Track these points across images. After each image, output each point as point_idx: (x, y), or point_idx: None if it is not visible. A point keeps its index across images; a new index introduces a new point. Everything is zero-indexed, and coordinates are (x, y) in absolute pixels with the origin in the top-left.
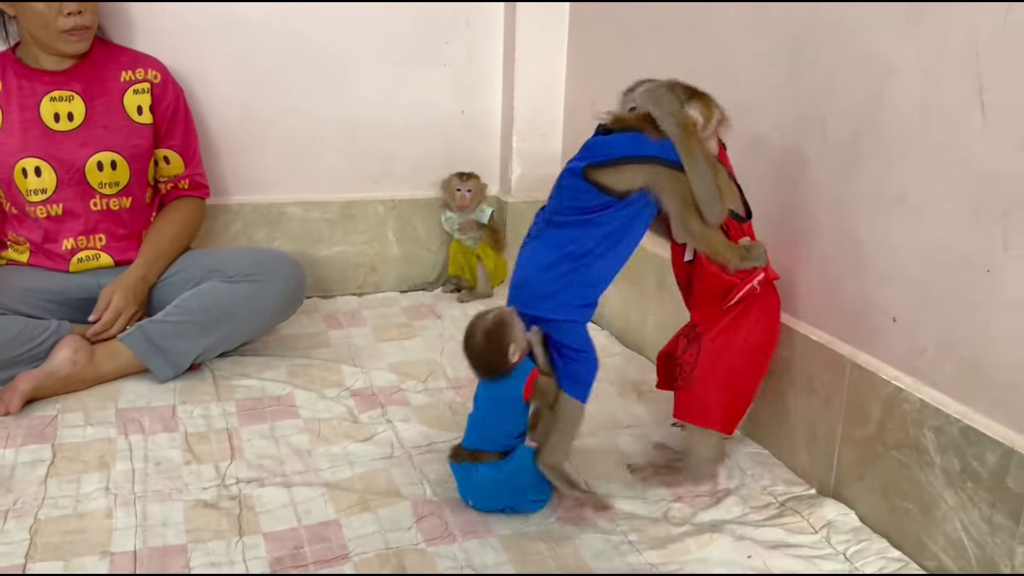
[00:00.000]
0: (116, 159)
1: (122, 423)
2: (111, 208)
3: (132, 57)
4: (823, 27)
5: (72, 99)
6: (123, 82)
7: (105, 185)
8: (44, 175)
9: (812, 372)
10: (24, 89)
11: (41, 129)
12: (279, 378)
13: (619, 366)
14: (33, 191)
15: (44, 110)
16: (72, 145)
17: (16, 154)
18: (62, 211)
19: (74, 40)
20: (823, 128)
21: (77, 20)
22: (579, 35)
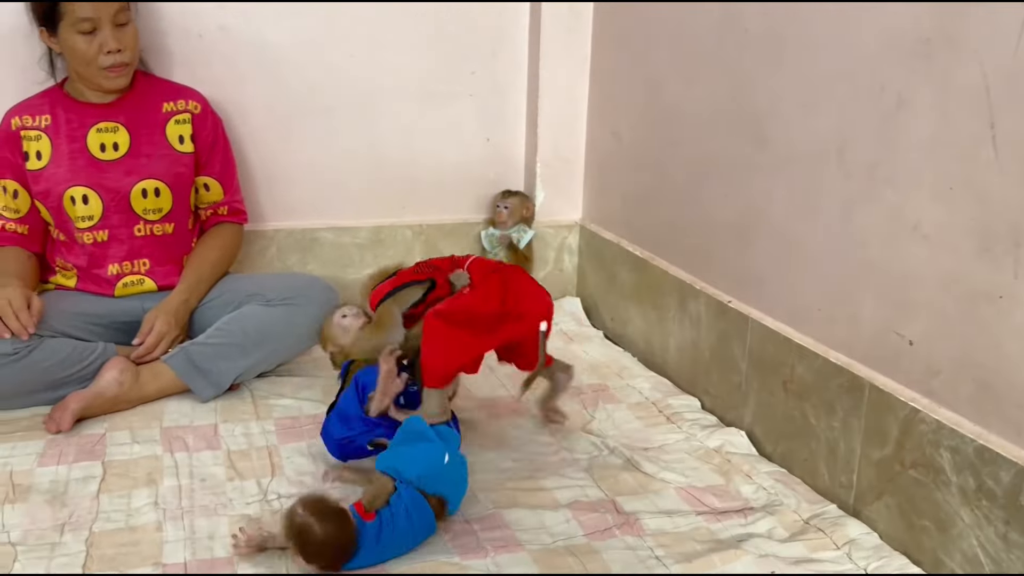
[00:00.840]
0: (160, 186)
1: (167, 441)
2: (154, 234)
3: (173, 89)
4: (838, 60)
5: (117, 130)
6: (165, 113)
7: (149, 212)
8: (91, 202)
9: (833, 394)
10: (72, 122)
11: (88, 159)
12: (315, 397)
13: (643, 389)
14: (81, 218)
15: (91, 141)
16: (117, 173)
17: (65, 183)
18: (107, 237)
19: (114, 76)
20: (840, 157)
21: (116, 58)
22: (600, 66)
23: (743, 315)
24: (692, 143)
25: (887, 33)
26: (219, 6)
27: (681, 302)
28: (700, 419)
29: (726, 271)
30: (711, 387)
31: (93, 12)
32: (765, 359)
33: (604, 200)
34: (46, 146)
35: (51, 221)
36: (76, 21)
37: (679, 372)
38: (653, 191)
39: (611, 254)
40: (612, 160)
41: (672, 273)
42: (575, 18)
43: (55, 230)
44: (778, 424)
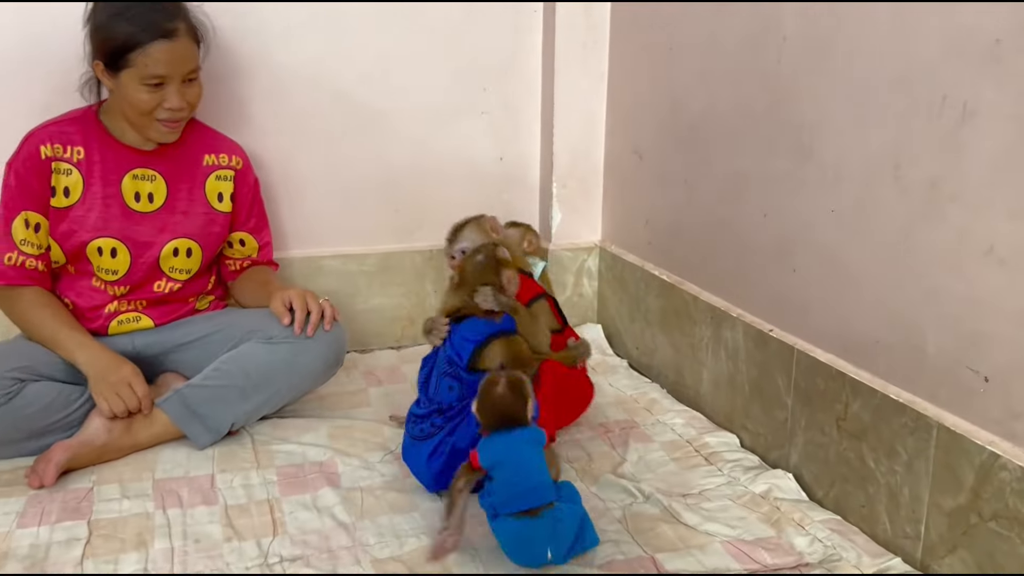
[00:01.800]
0: (192, 247)
1: (160, 495)
2: (173, 291)
3: (215, 140)
4: (892, 66)
5: (155, 179)
6: (206, 166)
7: (176, 270)
8: (119, 257)
9: (894, 434)
10: (108, 162)
11: (121, 208)
12: (320, 442)
13: (676, 425)
14: (105, 270)
15: (126, 187)
16: (150, 229)
17: (94, 231)
18: (127, 291)
19: (166, 131)
20: (897, 172)
21: (176, 114)
22: (619, 81)
23: (787, 345)
24: (723, 159)
25: (949, 35)
26: (218, 24)
27: (715, 330)
28: (742, 459)
29: (766, 297)
30: (751, 423)
31: (167, 70)
32: (813, 394)
33: (626, 221)
34: (77, 184)
35: (61, 259)
36: (147, 75)
37: (714, 406)
38: (680, 211)
39: (635, 278)
40: (633, 179)
41: (704, 299)
42: (591, 31)
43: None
44: (831, 466)
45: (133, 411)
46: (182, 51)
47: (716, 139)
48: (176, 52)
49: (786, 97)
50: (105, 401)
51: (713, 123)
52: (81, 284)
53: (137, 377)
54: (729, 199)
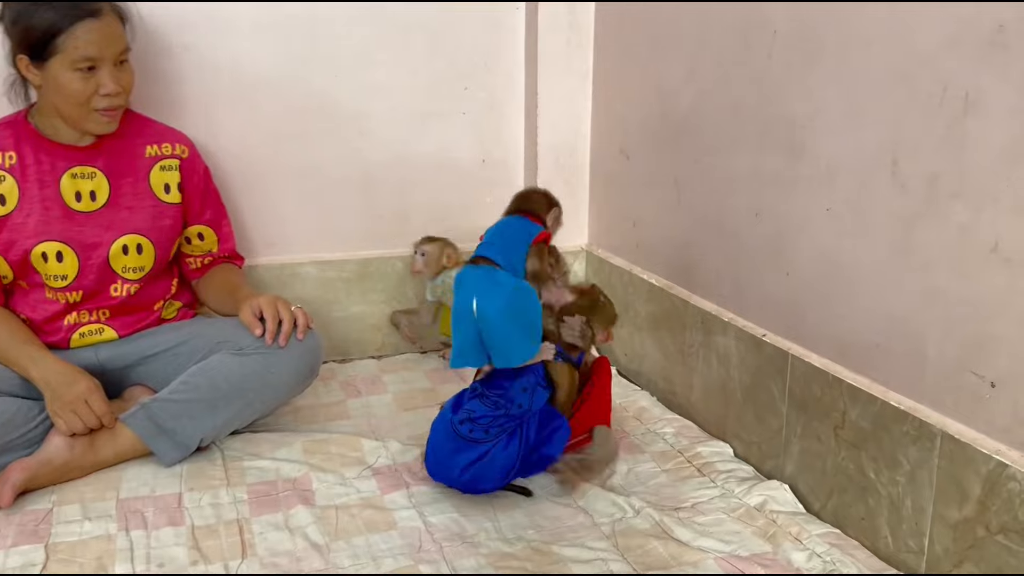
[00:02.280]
0: (142, 242)
1: (123, 516)
2: (130, 293)
3: (157, 131)
4: (889, 58)
5: (95, 176)
6: (148, 158)
7: (129, 270)
8: (66, 260)
9: (896, 443)
10: (43, 164)
11: (62, 209)
12: (294, 457)
13: (666, 434)
14: (53, 277)
15: (65, 188)
16: (95, 228)
17: (36, 237)
18: (81, 298)
19: (105, 120)
20: (895, 168)
21: (113, 100)
22: (604, 79)
23: (781, 351)
24: (713, 158)
25: (948, 22)
26: (185, 23)
27: (707, 336)
28: (736, 470)
29: (759, 301)
30: (744, 432)
31: (98, 51)
32: (809, 401)
33: (613, 223)
34: (12, 190)
35: (9, 273)
36: (77, 59)
37: (706, 415)
38: (669, 213)
39: (622, 282)
40: (620, 180)
41: (694, 303)
42: (575, 29)
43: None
44: (828, 477)
45: (93, 428)
46: (110, 30)
47: (706, 137)
48: (104, 31)
49: (777, 92)
50: (61, 420)
51: (702, 121)
52: (34, 297)
53: (95, 393)
54: (720, 199)
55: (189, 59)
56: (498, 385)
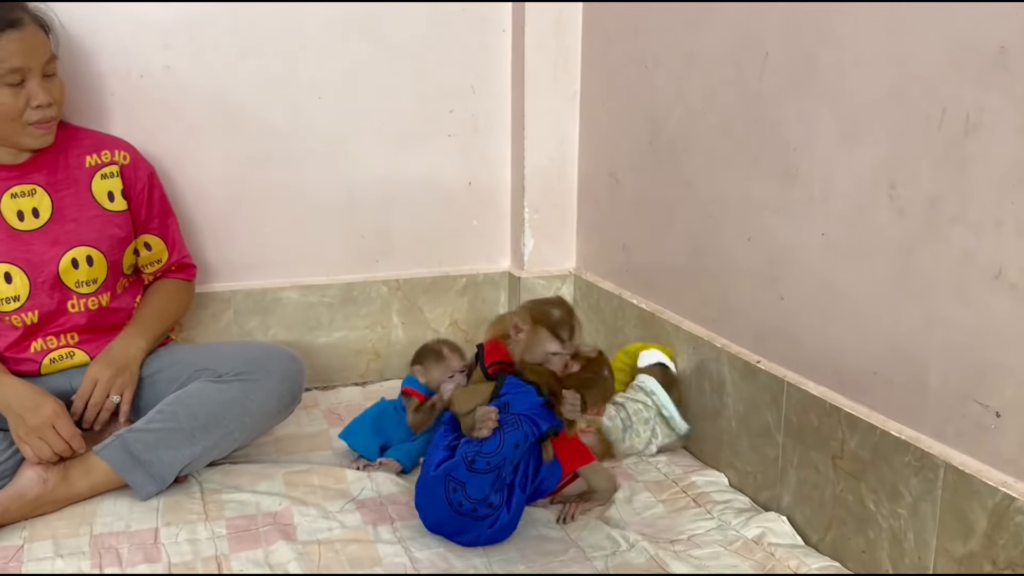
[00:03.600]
0: (92, 254)
1: (97, 552)
2: (89, 308)
3: (95, 139)
4: (885, 79)
5: (35, 193)
6: (89, 167)
7: (82, 284)
8: (15, 281)
9: (897, 474)
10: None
11: (6, 231)
12: (275, 490)
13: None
14: (4, 299)
15: (6, 209)
16: (42, 245)
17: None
18: (38, 318)
19: (40, 133)
20: (892, 192)
21: (45, 112)
22: (592, 101)
23: (776, 378)
24: (704, 181)
25: (947, 43)
26: (164, 44)
27: (699, 362)
28: (731, 501)
29: (753, 326)
30: (739, 461)
31: (23, 60)
32: (806, 430)
33: (601, 247)
34: None
35: None
36: (4, 72)
37: (699, 443)
38: (659, 237)
39: (611, 307)
40: (609, 203)
41: (685, 328)
42: (562, 51)
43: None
44: (827, 508)
45: (62, 455)
46: (33, 40)
47: (696, 160)
48: (27, 41)
49: (770, 115)
50: (28, 446)
51: (693, 143)
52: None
53: (62, 417)
54: (711, 223)
55: (170, 80)
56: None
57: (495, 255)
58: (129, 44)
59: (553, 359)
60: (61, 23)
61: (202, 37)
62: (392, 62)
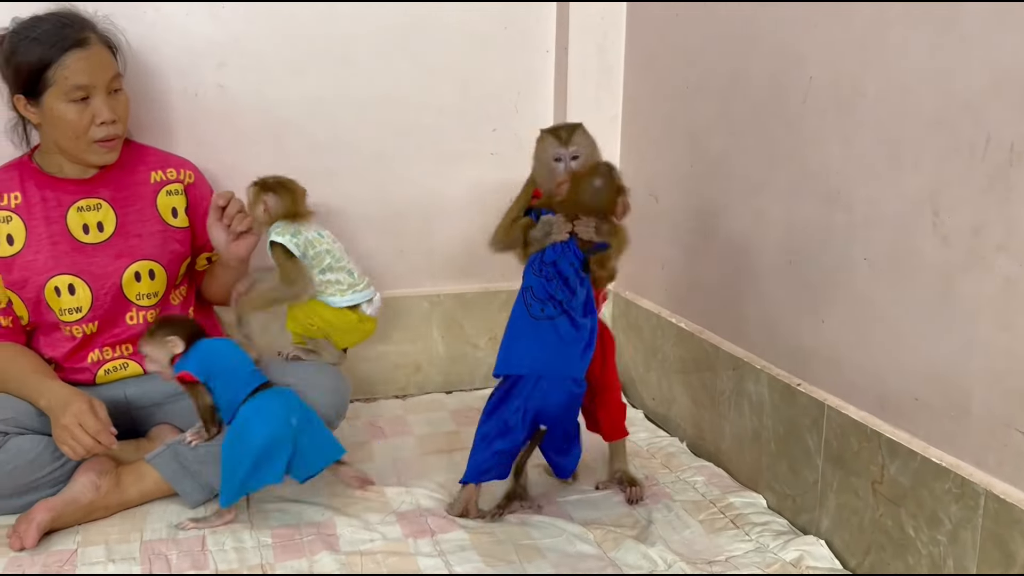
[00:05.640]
0: (154, 268)
1: (147, 558)
2: (147, 320)
3: (160, 157)
4: (929, 107)
5: (100, 207)
6: (153, 184)
7: (143, 296)
8: (78, 292)
9: (937, 501)
10: (48, 200)
11: (71, 243)
12: (318, 500)
13: (697, 483)
14: (67, 310)
15: (72, 222)
16: (105, 258)
17: (46, 272)
18: (97, 328)
19: (104, 151)
20: (936, 218)
21: (109, 130)
22: (633, 122)
23: (817, 401)
24: (745, 203)
25: (992, 71)
26: (218, 63)
27: (739, 383)
28: (770, 523)
29: (793, 349)
30: (778, 483)
31: (88, 79)
32: (846, 454)
33: (640, 266)
34: (19, 229)
35: (25, 315)
36: (70, 89)
37: (737, 464)
38: (700, 257)
39: (650, 325)
40: (649, 223)
41: (725, 349)
42: (604, 72)
43: (26, 316)
44: (866, 533)
45: (91, 451)
46: (99, 58)
47: (737, 181)
48: (93, 59)
49: (812, 139)
50: (67, 447)
51: (734, 165)
52: (53, 337)
53: (87, 414)
54: (752, 244)
55: (223, 98)
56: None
57: None
58: (186, 63)
59: (556, 166)
60: (128, 43)
61: (253, 56)
62: (436, 81)
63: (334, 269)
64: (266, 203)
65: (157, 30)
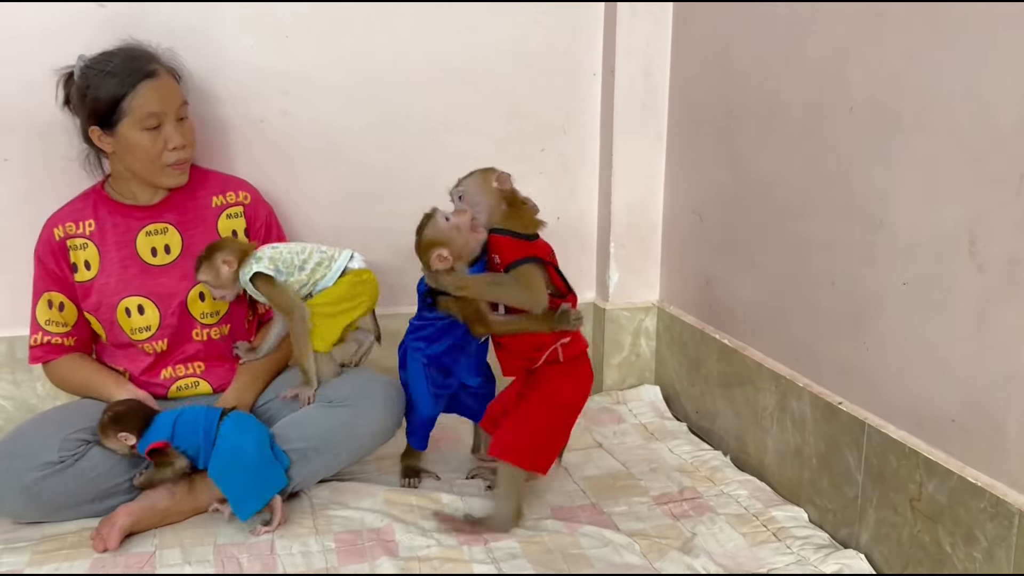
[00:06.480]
0: None
1: (220, 561)
2: (212, 338)
3: (220, 181)
4: (966, 141)
5: (167, 231)
6: (215, 207)
7: (207, 315)
8: (147, 312)
9: (972, 519)
10: (119, 226)
11: (140, 266)
12: (376, 507)
13: (740, 496)
14: (137, 329)
15: (140, 246)
16: (171, 279)
17: (118, 294)
18: (167, 346)
19: (177, 173)
20: (972, 248)
21: (180, 154)
22: (678, 142)
23: (858, 419)
24: (789, 224)
25: None
26: (283, 91)
27: (781, 399)
28: (811, 536)
29: (835, 368)
30: (819, 498)
31: (160, 107)
32: (886, 472)
33: (685, 282)
34: (94, 255)
35: (104, 335)
36: (143, 117)
37: (780, 478)
38: (742, 275)
39: (694, 340)
40: (693, 240)
41: (768, 366)
42: (650, 93)
43: (104, 334)
44: (904, 548)
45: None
46: (168, 87)
47: (781, 203)
48: (163, 89)
49: (854, 165)
50: None
51: (777, 187)
52: (130, 353)
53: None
54: (795, 265)
55: (287, 124)
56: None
57: (581, 287)
58: (252, 91)
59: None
60: (196, 72)
61: (316, 85)
62: (487, 105)
63: (306, 260)
64: (226, 261)
65: (225, 61)
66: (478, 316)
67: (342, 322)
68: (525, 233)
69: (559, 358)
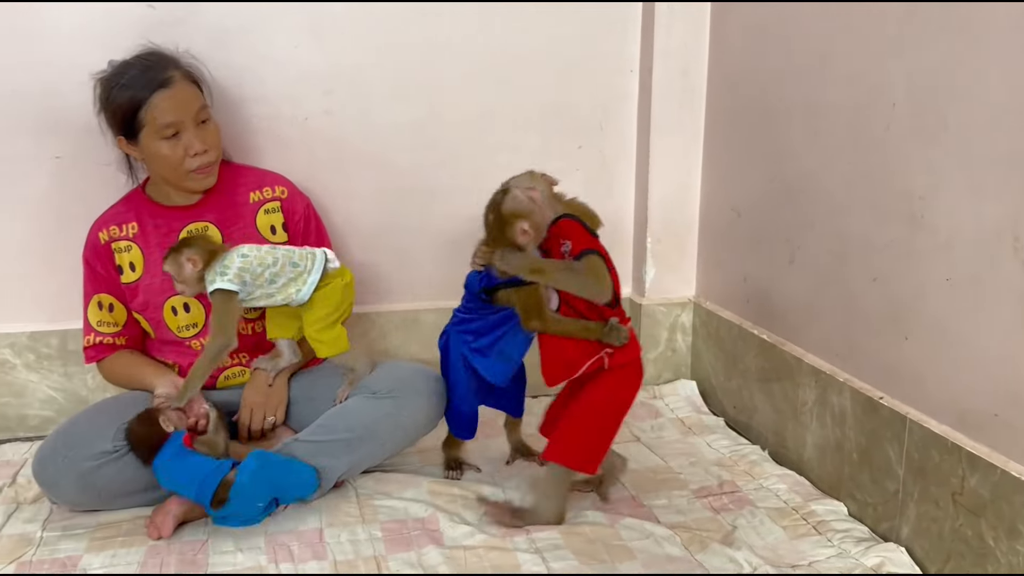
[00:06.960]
0: None
1: (271, 549)
2: (256, 331)
3: (257, 176)
4: (1008, 142)
5: (207, 230)
6: (253, 203)
7: (249, 310)
8: (193, 310)
9: (1016, 512)
10: (161, 228)
11: None
12: (421, 497)
13: (779, 490)
14: (183, 327)
15: None
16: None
17: (163, 293)
18: None
19: (201, 178)
20: (1016, 245)
21: (202, 159)
22: (715, 139)
23: (899, 414)
24: (828, 221)
25: None
26: (326, 90)
27: (821, 394)
28: (851, 530)
29: (876, 363)
30: (859, 492)
31: (176, 116)
32: (927, 466)
33: (721, 277)
34: (138, 257)
35: (152, 332)
36: (160, 128)
37: (819, 472)
38: (781, 271)
39: (731, 335)
40: (730, 236)
41: (808, 361)
42: (687, 92)
43: (153, 332)
44: (946, 542)
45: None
46: (183, 94)
47: (820, 201)
48: (178, 96)
49: (896, 164)
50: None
51: (816, 185)
52: (178, 350)
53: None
54: (835, 261)
55: (330, 122)
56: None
57: None
58: (297, 92)
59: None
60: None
61: (358, 84)
62: (527, 103)
63: (277, 275)
64: (191, 259)
65: (269, 61)
66: (539, 309)
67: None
68: (591, 227)
69: (604, 366)
